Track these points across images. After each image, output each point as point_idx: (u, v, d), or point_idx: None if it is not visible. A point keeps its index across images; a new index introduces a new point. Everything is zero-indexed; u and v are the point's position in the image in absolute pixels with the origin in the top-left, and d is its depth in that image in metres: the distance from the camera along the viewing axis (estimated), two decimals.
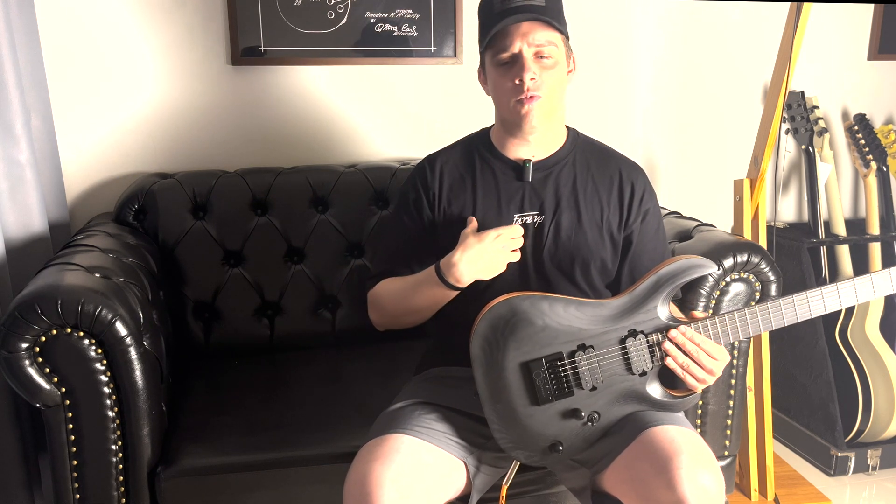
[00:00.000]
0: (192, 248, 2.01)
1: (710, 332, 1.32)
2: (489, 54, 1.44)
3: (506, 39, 1.40)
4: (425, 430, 1.36)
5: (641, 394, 1.33)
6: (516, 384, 1.33)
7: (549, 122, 1.46)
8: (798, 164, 2.62)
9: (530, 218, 1.47)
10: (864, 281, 1.31)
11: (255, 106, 2.23)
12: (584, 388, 1.32)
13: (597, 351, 1.32)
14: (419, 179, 1.54)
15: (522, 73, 1.39)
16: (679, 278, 1.33)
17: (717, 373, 1.32)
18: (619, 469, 1.30)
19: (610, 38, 2.40)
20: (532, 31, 1.39)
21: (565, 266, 1.46)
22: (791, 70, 1.97)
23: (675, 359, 1.30)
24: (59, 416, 1.49)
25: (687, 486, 1.19)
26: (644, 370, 1.32)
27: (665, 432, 1.27)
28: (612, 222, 1.49)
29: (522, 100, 1.40)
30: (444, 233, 1.50)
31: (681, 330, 1.31)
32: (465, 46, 2.29)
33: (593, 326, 1.32)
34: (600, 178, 1.51)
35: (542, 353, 1.32)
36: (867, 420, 2.31)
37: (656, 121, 2.51)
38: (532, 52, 1.39)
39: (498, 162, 1.51)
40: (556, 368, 1.32)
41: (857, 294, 1.31)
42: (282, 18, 2.17)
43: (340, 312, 2.08)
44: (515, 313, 1.32)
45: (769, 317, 1.32)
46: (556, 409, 1.33)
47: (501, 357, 1.32)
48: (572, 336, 1.32)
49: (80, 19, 2.09)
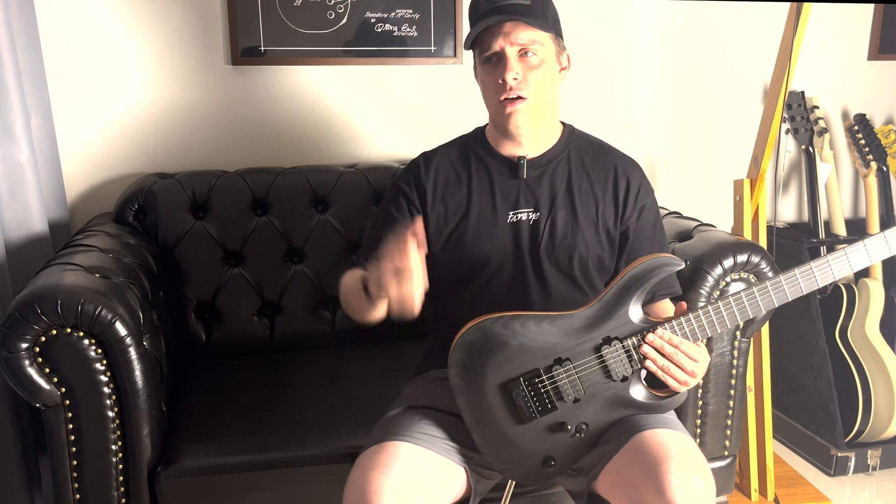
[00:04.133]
0: (192, 248, 2.01)
1: (686, 329, 1.30)
2: (476, 53, 1.45)
3: (488, 38, 1.40)
4: (424, 436, 1.35)
5: (627, 398, 1.32)
6: (499, 406, 1.32)
7: (537, 123, 1.45)
8: (798, 164, 2.62)
9: (525, 215, 1.47)
10: (856, 248, 1.28)
11: (255, 106, 2.23)
12: (566, 400, 1.31)
13: (574, 363, 1.31)
14: (412, 175, 1.53)
15: (505, 72, 1.38)
16: (647, 279, 1.31)
17: (698, 373, 1.31)
18: (611, 474, 1.30)
19: (610, 38, 2.40)
20: (515, 30, 1.38)
21: (563, 264, 1.46)
22: (791, 70, 1.97)
23: (655, 361, 1.29)
24: (59, 416, 1.49)
25: (677, 491, 1.18)
26: (625, 375, 1.31)
27: (655, 436, 1.27)
28: (608, 218, 1.48)
29: (506, 101, 1.40)
30: (437, 232, 1.49)
31: (657, 333, 1.29)
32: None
33: (567, 339, 1.31)
34: (596, 174, 1.50)
35: (519, 371, 1.31)
36: (867, 420, 2.31)
37: (656, 121, 2.51)
38: (515, 52, 1.39)
39: (493, 160, 1.50)
40: (535, 385, 1.31)
41: (850, 264, 1.28)
42: (282, 18, 2.17)
43: (340, 312, 2.08)
44: (489, 337, 1.31)
45: (744, 305, 1.29)
46: (542, 425, 1.32)
47: (480, 381, 1.32)
48: (547, 351, 1.31)
49: (80, 19, 2.09)
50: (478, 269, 1.47)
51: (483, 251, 1.46)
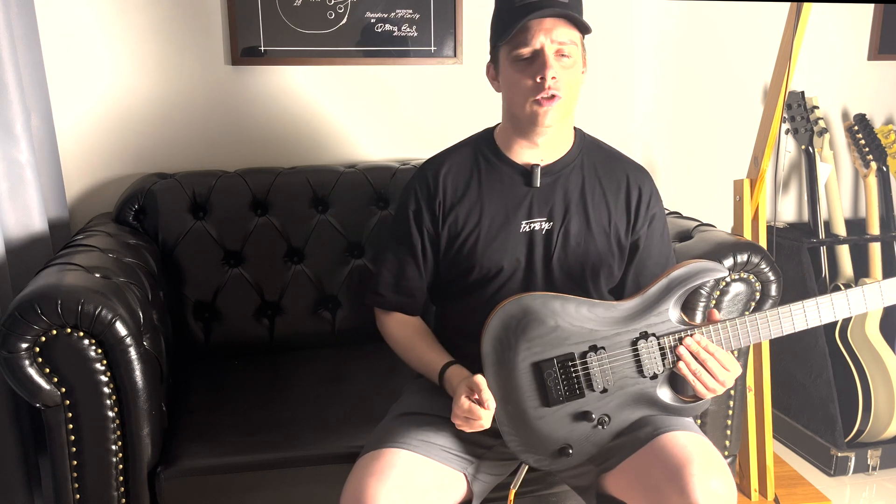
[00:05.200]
0: (192, 248, 2.01)
1: (722, 336, 1.31)
2: (506, 49, 1.37)
3: (527, 34, 1.33)
4: (422, 443, 1.34)
5: (652, 397, 1.33)
6: (527, 384, 1.32)
7: (562, 124, 1.41)
8: (798, 164, 2.62)
9: (538, 224, 1.43)
10: (873, 288, 1.31)
11: (255, 106, 2.23)
12: (595, 389, 1.31)
13: (608, 352, 1.31)
14: (420, 188, 1.48)
15: (545, 70, 1.32)
16: (691, 281, 1.32)
17: (727, 384, 1.31)
18: (629, 474, 1.30)
19: (610, 38, 2.40)
20: (555, 27, 1.33)
21: (575, 273, 1.44)
22: (791, 70, 1.97)
23: (689, 365, 1.29)
24: (59, 417, 1.48)
25: (699, 493, 1.19)
26: (655, 373, 1.32)
27: (676, 439, 1.27)
28: (620, 228, 1.46)
29: (541, 99, 1.34)
30: (449, 242, 1.46)
31: (696, 338, 1.29)
32: (465, 46, 2.29)
33: (605, 328, 1.31)
34: (608, 182, 1.47)
35: (553, 353, 1.31)
36: (867, 420, 2.31)
37: (656, 121, 2.51)
38: (554, 50, 1.34)
39: (505, 166, 1.46)
40: (567, 369, 1.31)
41: (866, 302, 1.31)
42: (282, 18, 2.17)
43: (340, 312, 2.08)
44: (527, 313, 1.31)
45: (779, 322, 1.31)
46: (566, 411, 1.32)
47: (513, 356, 1.31)
48: (584, 337, 1.31)
49: (79, 19, 2.09)
50: (489, 279, 1.44)
51: (496, 261, 1.43)
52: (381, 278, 1.51)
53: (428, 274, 1.50)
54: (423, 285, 1.50)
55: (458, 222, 1.45)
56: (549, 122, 1.37)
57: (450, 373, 1.39)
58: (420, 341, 1.49)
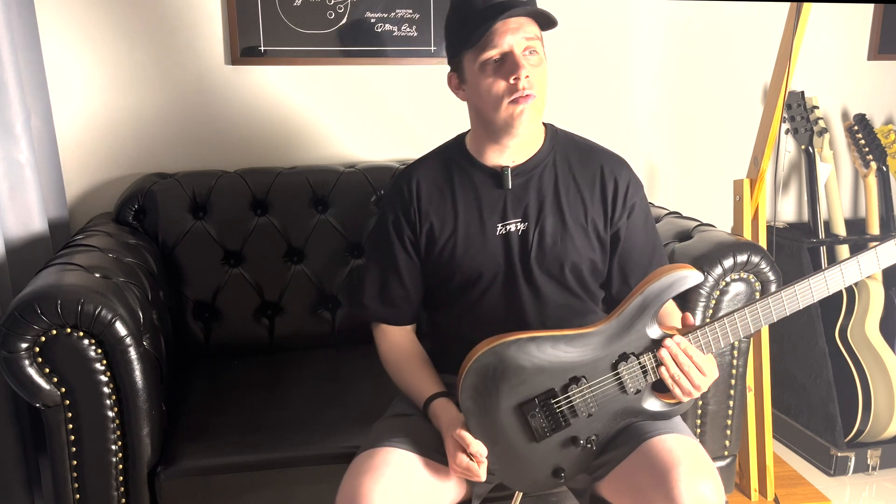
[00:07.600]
0: (192, 248, 2.01)
1: (701, 342, 1.29)
2: (472, 55, 1.35)
3: (495, 37, 1.31)
4: (418, 442, 1.34)
5: (637, 408, 1.32)
6: (512, 426, 1.31)
7: (535, 122, 1.40)
8: (798, 164, 2.62)
9: (514, 226, 1.42)
10: (850, 264, 1.28)
11: (254, 106, 2.23)
12: (580, 416, 1.31)
13: (589, 381, 1.30)
14: (397, 199, 1.47)
15: (518, 70, 1.30)
16: (666, 294, 1.29)
17: (703, 388, 1.30)
18: (619, 479, 1.30)
19: (610, 38, 2.40)
20: (521, 26, 1.32)
21: (555, 272, 1.43)
22: (791, 70, 1.97)
23: (668, 368, 1.28)
24: (58, 416, 1.49)
25: (686, 497, 1.19)
26: (638, 389, 1.31)
27: (663, 442, 1.26)
28: (598, 221, 1.44)
29: (518, 98, 1.32)
30: (427, 249, 1.46)
31: (676, 340, 1.28)
32: None
33: (584, 357, 1.30)
34: (582, 176, 1.45)
35: (534, 392, 1.30)
36: (867, 420, 2.31)
37: (656, 121, 2.51)
38: (522, 48, 1.32)
39: (476, 171, 1.44)
40: (549, 406, 1.30)
41: (843, 277, 1.28)
42: (281, 18, 2.17)
43: (340, 312, 2.08)
44: (503, 360, 1.29)
45: (758, 315, 1.28)
46: (554, 441, 1.32)
47: (493, 403, 1.30)
48: (563, 370, 1.30)
49: (80, 19, 2.09)
50: (471, 284, 1.44)
51: (475, 266, 1.43)
52: (365, 290, 1.51)
53: (414, 283, 1.49)
54: (407, 295, 1.49)
55: (435, 230, 1.44)
56: (527, 120, 1.35)
57: (435, 408, 1.38)
58: (408, 365, 1.48)
